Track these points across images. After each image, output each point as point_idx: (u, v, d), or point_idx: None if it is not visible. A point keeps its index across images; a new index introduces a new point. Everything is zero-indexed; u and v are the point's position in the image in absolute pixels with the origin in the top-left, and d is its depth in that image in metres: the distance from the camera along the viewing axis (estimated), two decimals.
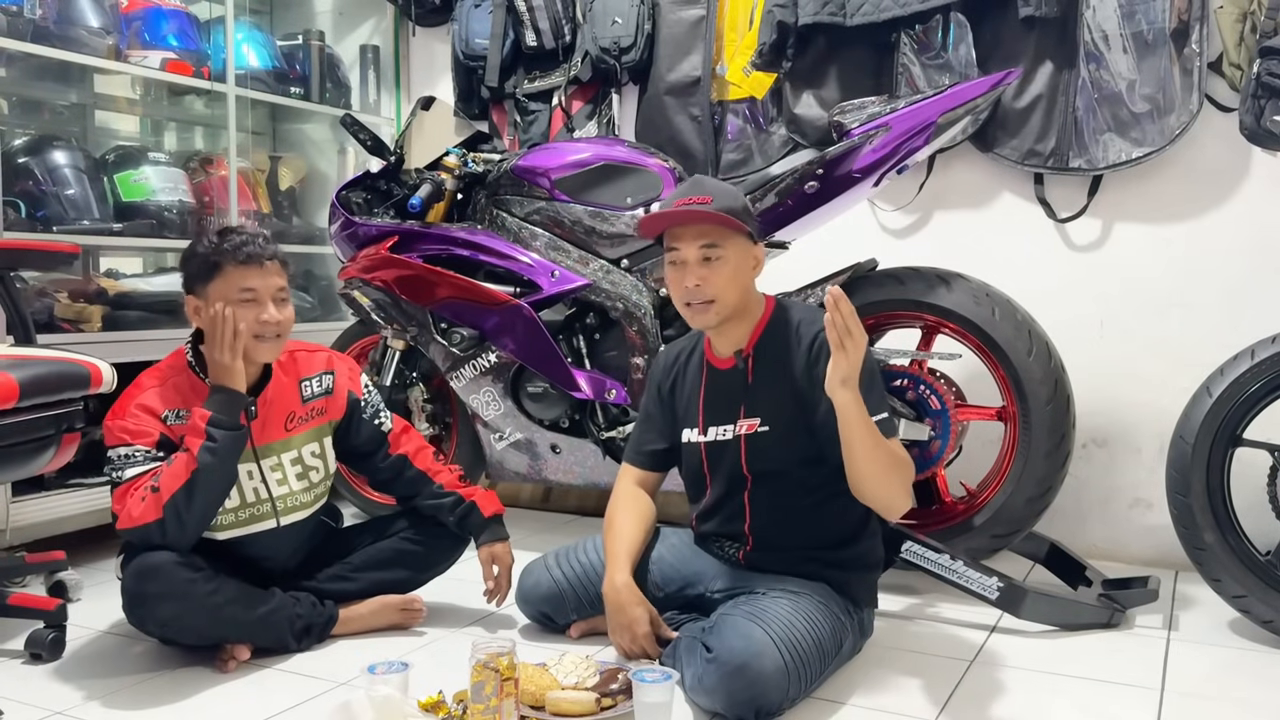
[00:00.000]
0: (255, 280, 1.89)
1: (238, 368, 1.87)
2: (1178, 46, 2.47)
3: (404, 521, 2.19)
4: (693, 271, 1.79)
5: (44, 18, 2.65)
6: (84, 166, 2.79)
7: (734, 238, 1.81)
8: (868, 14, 2.68)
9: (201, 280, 1.90)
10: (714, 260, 1.79)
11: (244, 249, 1.89)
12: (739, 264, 1.81)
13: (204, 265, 1.89)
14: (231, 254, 1.88)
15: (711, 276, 1.79)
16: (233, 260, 1.88)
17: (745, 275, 1.84)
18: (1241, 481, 2.07)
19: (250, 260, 1.89)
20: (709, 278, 1.79)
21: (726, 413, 1.88)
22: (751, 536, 1.90)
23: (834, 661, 1.78)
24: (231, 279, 1.88)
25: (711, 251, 1.79)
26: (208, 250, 1.90)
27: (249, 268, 1.88)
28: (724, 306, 1.81)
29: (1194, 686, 1.83)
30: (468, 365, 2.61)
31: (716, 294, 1.79)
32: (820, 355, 1.76)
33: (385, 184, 2.84)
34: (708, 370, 1.93)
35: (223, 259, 1.88)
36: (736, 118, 2.99)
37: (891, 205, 2.86)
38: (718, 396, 1.90)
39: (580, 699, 1.63)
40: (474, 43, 3.27)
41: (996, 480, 2.35)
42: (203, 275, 1.89)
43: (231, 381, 1.87)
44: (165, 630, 1.90)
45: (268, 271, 1.91)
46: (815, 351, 1.79)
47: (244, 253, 1.88)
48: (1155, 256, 2.59)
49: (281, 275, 1.94)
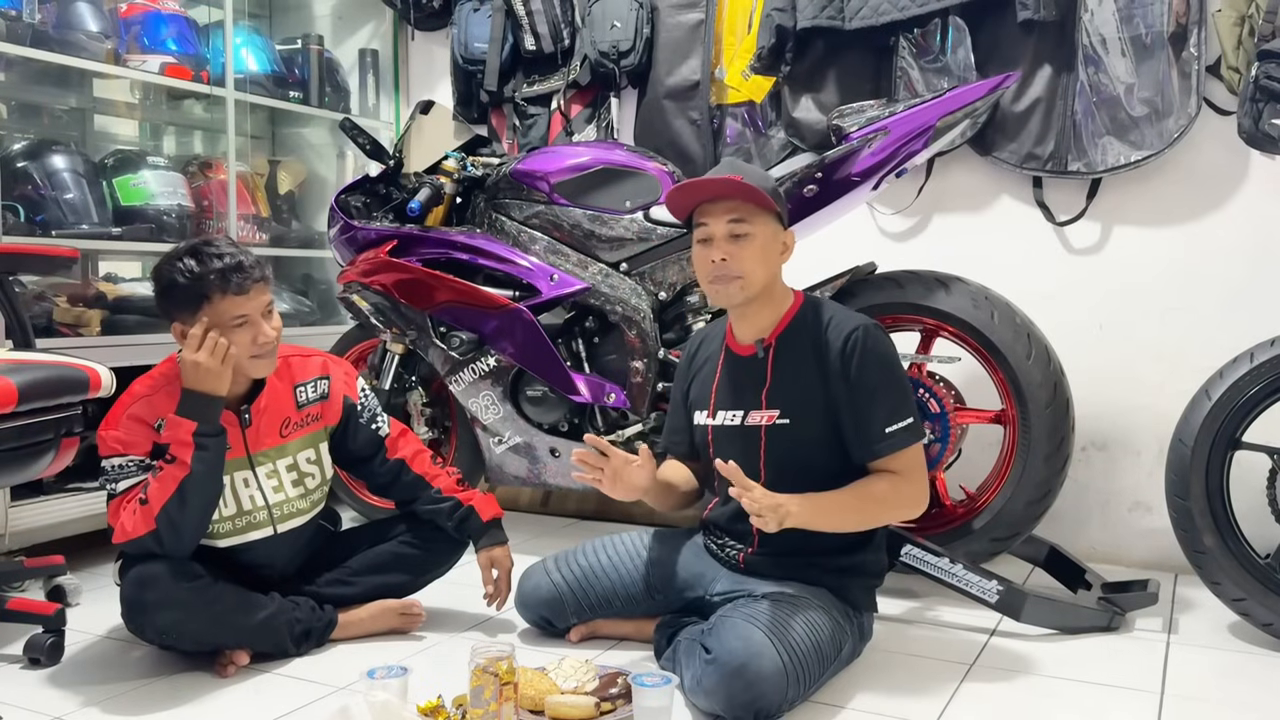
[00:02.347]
0: (246, 306, 1.83)
1: (226, 375, 1.82)
2: (1176, 50, 2.48)
3: (402, 525, 2.18)
4: (720, 246, 1.80)
5: (43, 22, 2.65)
6: (83, 171, 2.79)
7: (763, 216, 1.81)
8: (866, 17, 2.68)
9: (188, 310, 1.82)
10: (742, 237, 1.80)
11: (232, 279, 1.80)
12: (766, 244, 1.81)
13: (189, 296, 1.81)
14: (219, 286, 1.80)
15: (739, 252, 1.79)
16: (220, 291, 1.80)
17: (773, 257, 1.84)
18: (1241, 484, 2.07)
19: (240, 291, 1.82)
20: (736, 253, 1.79)
21: (739, 400, 1.88)
22: (757, 537, 1.88)
23: (833, 665, 1.78)
24: (221, 308, 1.81)
25: (739, 227, 1.80)
26: (191, 280, 1.80)
27: (239, 297, 1.82)
28: (750, 284, 1.81)
29: (1194, 690, 1.83)
30: (467, 369, 2.61)
31: (743, 270, 1.79)
32: (853, 353, 1.78)
33: (384, 188, 2.84)
34: (726, 355, 1.93)
35: (209, 290, 1.80)
36: (735, 121, 2.99)
37: (890, 208, 2.86)
38: (733, 382, 1.90)
39: (580, 703, 1.63)
40: (473, 47, 3.27)
41: (996, 483, 2.35)
42: (189, 305, 1.81)
43: (214, 387, 1.81)
44: (164, 637, 1.89)
45: (257, 292, 1.85)
46: (850, 351, 1.79)
47: (233, 283, 1.80)
48: (1154, 259, 2.60)
49: (268, 290, 1.88)
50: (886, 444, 1.77)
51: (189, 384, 1.82)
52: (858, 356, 1.78)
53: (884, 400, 1.78)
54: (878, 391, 1.78)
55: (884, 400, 1.78)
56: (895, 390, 1.79)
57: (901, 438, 1.77)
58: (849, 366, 1.78)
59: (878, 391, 1.78)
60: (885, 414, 1.77)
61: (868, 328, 1.81)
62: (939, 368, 2.40)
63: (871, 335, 1.80)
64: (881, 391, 1.78)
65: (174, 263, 1.83)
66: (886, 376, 1.80)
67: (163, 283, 1.84)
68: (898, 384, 1.81)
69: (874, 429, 1.77)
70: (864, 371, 1.78)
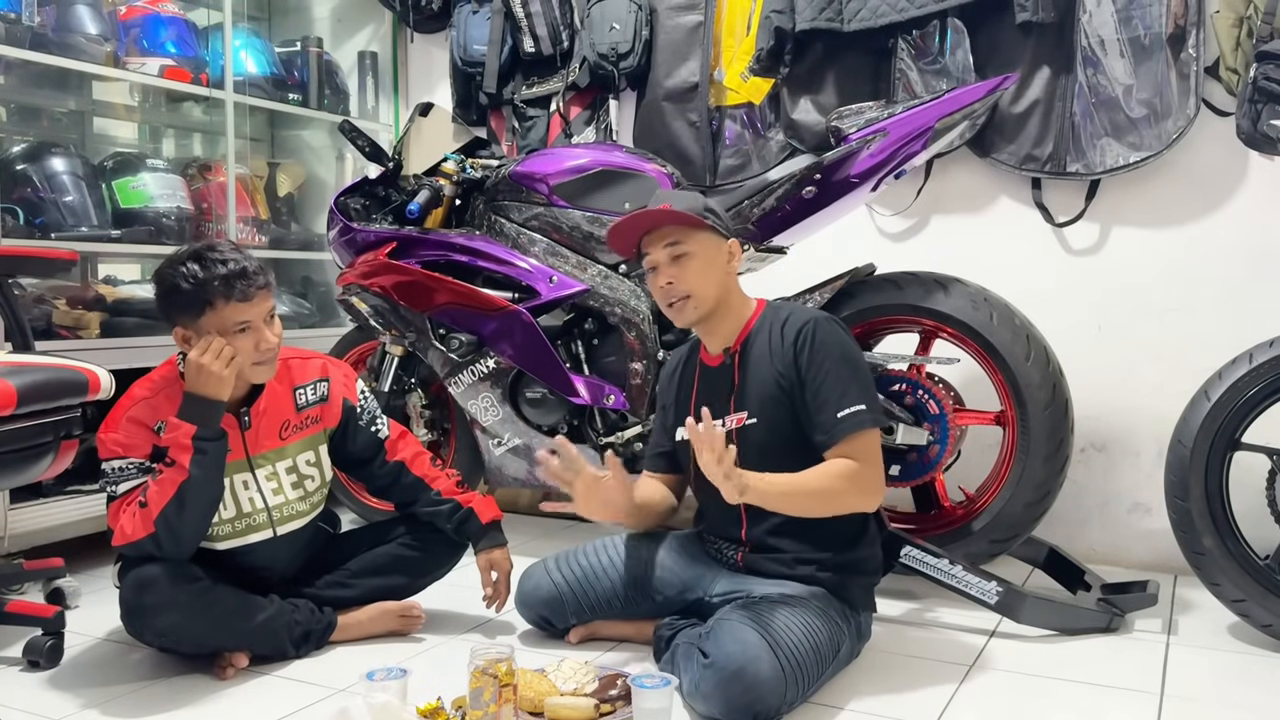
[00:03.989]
0: (250, 313, 1.83)
1: (229, 380, 1.82)
2: (1174, 51, 2.48)
3: (402, 527, 2.18)
4: (664, 271, 1.87)
5: (43, 25, 2.66)
6: (82, 173, 2.79)
7: (698, 234, 1.87)
8: (865, 19, 2.69)
9: (191, 315, 1.81)
10: (681, 257, 1.86)
11: (236, 286, 1.79)
12: (708, 258, 1.87)
13: (192, 301, 1.80)
14: (223, 292, 1.79)
15: (681, 273, 1.86)
16: (224, 298, 1.80)
17: (718, 269, 1.89)
18: (1240, 485, 2.07)
19: (245, 298, 1.81)
20: (679, 274, 1.86)
21: (716, 409, 1.89)
22: (749, 539, 1.91)
23: (831, 666, 1.78)
24: (225, 314, 1.80)
25: (677, 249, 1.86)
26: (194, 285, 1.79)
27: (243, 303, 1.82)
28: (700, 300, 1.87)
29: (1193, 691, 1.83)
30: (466, 371, 2.61)
31: (690, 288, 1.86)
32: (805, 344, 1.83)
33: (383, 190, 2.84)
34: (700, 369, 1.99)
35: (213, 296, 1.79)
36: (734, 123, 2.99)
37: (889, 210, 2.86)
38: (708, 394, 1.94)
39: (579, 705, 1.63)
40: (472, 49, 3.27)
41: (995, 485, 2.34)
42: (192, 310, 1.80)
43: (217, 391, 1.81)
44: (163, 640, 1.89)
45: (260, 299, 1.84)
46: (801, 340, 1.83)
47: (237, 290, 1.80)
48: (1153, 260, 2.60)
49: (270, 296, 1.87)
50: (839, 428, 1.79)
51: (191, 387, 1.82)
52: (809, 347, 1.82)
53: (834, 386, 1.80)
54: (828, 378, 1.81)
55: (834, 386, 1.80)
56: (847, 376, 1.81)
57: (853, 421, 1.78)
58: (800, 357, 1.83)
59: (828, 378, 1.81)
60: (837, 399, 1.79)
61: (819, 320, 1.85)
62: (938, 369, 2.40)
63: (822, 326, 1.84)
64: (832, 378, 1.81)
65: (177, 267, 1.82)
66: (837, 364, 1.82)
67: (165, 287, 1.83)
68: (851, 371, 1.82)
69: (826, 415, 1.80)
70: (814, 361, 1.82)
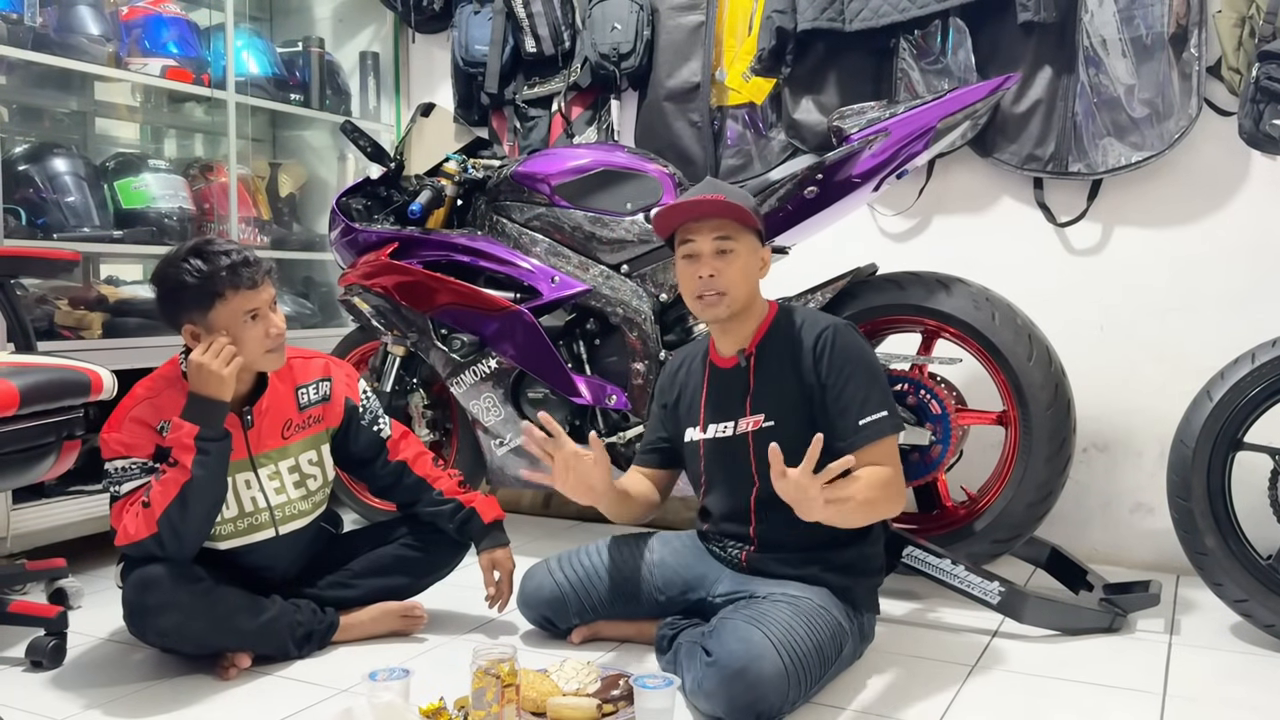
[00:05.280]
0: (257, 300, 1.86)
1: (231, 379, 1.82)
2: (1176, 51, 2.48)
3: (404, 527, 2.18)
4: (707, 262, 1.84)
5: (44, 25, 2.66)
6: (84, 174, 2.79)
7: (746, 234, 1.86)
8: (866, 19, 2.69)
9: (200, 309, 1.83)
10: (728, 253, 1.84)
11: (244, 273, 1.83)
12: (749, 260, 1.86)
13: (201, 295, 1.82)
14: (231, 281, 1.82)
15: (725, 269, 1.83)
16: (233, 287, 1.82)
17: (754, 273, 1.88)
18: (1242, 485, 2.06)
19: (252, 285, 1.84)
20: (723, 269, 1.83)
21: (729, 411, 1.91)
22: (757, 539, 1.90)
23: (834, 666, 1.78)
24: (235, 304, 1.83)
25: (726, 244, 1.84)
26: (201, 279, 1.81)
27: (251, 291, 1.85)
28: (735, 300, 1.85)
29: (1196, 691, 1.83)
30: (468, 371, 2.61)
31: (729, 286, 1.84)
32: (825, 349, 1.82)
33: (385, 190, 2.84)
34: (710, 370, 1.96)
35: (222, 287, 1.82)
36: (736, 123, 2.99)
37: (891, 210, 2.86)
38: (720, 395, 1.93)
39: (581, 705, 1.63)
40: (474, 49, 3.27)
41: (997, 485, 2.34)
42: (201, 304, 1.83)
43: (219, 392, 1.82)
44: (166, 640, 1.89)
45: (265, 285, 1.88)
46: (820, 348, 1.83)
47: (245, 277, 1.83)
48: (1155, 260, 2.60)
49: (272, 282, 1.91)
50: (862, 435, 1.79)
51: (194, 388, 1.83)
52: (828, 354, 1.82)
53: (855, 393, 1.80)
54: (849, 385, 1.81)
55: (855, 393, 1.80)
56: (867, 384, 1.81)
57: (875, 429, 1.79)
58: (820, 364, 1.82)
59: (849, 385, 1.81)
60: (858, 406, 1.80)
61: (837, 326, 1.85)
62: (940, 369, 2.40)
63: (841, 333, 1.84)
64: (854, 384, 1.81)
65: (179, 264, 1.83)
66: (857, 371, 1.82)
67: (170, 285, 1.84)
68: (870, 378, 1.82)
69: (848, 422, 1.80)
70: (835, 368, 1.81)
